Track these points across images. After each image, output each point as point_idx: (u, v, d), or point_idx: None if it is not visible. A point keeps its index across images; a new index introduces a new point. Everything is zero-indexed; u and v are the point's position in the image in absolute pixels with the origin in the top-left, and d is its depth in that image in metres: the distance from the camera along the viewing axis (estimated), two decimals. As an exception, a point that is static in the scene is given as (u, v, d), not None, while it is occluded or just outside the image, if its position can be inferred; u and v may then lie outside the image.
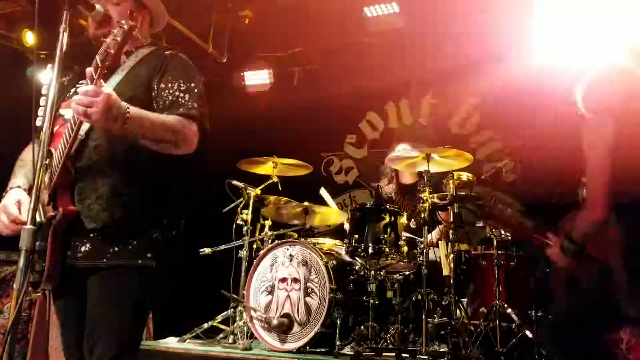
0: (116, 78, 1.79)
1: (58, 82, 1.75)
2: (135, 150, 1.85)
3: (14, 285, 1.64)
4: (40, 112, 1.75)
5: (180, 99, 1.95)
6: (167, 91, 1.96)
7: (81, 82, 2.09)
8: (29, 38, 5.43)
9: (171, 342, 4.39)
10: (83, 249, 1.87)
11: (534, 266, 4.29)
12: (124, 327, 1.86)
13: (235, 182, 4.91)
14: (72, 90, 2.09)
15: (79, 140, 1.86)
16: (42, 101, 1.76)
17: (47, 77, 1.77)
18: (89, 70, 1.69)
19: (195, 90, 1.99)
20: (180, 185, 2.08)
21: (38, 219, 1.73)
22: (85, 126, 1.87)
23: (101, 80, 1.70)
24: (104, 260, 1.86)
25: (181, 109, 1.93)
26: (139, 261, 1.88)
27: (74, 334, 1.92)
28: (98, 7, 1.97)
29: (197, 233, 6.76)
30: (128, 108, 1.74)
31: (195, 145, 1.95)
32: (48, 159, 1.87)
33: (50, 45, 1.81)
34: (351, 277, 4.12)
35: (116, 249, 1.87)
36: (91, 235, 1.87)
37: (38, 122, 1.74)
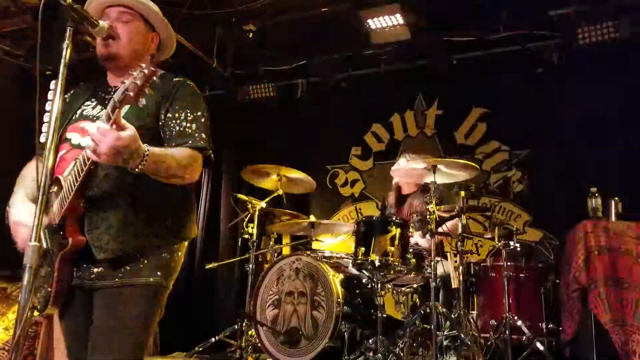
0: (125, 106, 1.76)
1: (62, 99, 1.74)
2: (144, 179, 1.84)
3: (19, 302, 1.62)
4: (44, 128, 1.74)
5: (187, 129, 1.95)
6: (174, 121, 1.96)
7: (87, 103, 2.09)
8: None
9: (178, 358, 4.36)
10: (95, 270, 1.90)
11: (544, 277, 4.24)
12: (127, 343, 1.85)
13: (240, 196, 4.90)
14: (79, 112, 2.07)
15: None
16: (45, 117, 1.75)
17: (50, 93, 1.75)
18: (107, 110, 1.67)
19: (202, 120, 1.99)
20: (187, 209, 2.09)
21: (43, 243, 1.73)
22: None
23: (122, 120, 1.67)
24: (116, 280, 1.88)
25: (190, 141, 1.93)
26: (150, 279, 1.90)
27: (80, 352, 1.90)
28: (102, 23, 1.95)
29: (203, 247, 6.78)
30: (147, 153, 1.72)
31: (198, 176, 1.97)
32: (56, 187, 1.88)
33: (55, 62, 1.79)
34: (358, 290, 4.09)
35: (127, 267, 1.89)
36: (102, 260, 1.88)
37: (42, 139, 1.73)
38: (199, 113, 1.99)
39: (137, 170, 1.72)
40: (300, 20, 5.50)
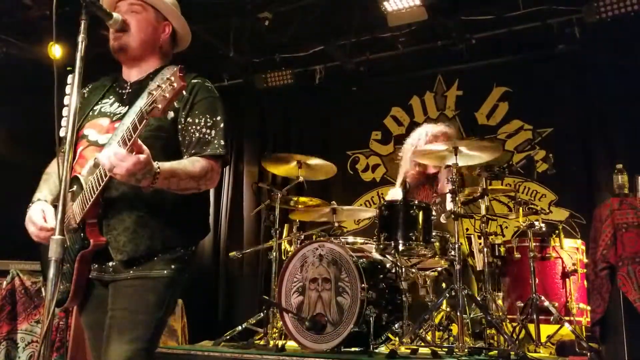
0: (140, 102, 1.75)
1: (79, 93, 1.74)
2: None
3: (45, 296, 1.65)
4: (63, 122, 1.76)
5: (206, 136, 1.96)
6: (193, 127, 1.97)
7: (105, 100, 2.11)
8: (56, 51, 5.43)
9: (206, 346, 4.41)
10: (111, 264, 1.94)
11: (571, 256, 4.18)
12: (139, 333, 1.88)
13: (261, 185, 4.91)
14: (97, 108, 2.09)
15: None
16: (64, 112, 1.76)
17: (68, 87, 1.76)
18: (128, 130, 1.70)
19: (221, 125, 2.00)
20: (203, 209, 2.16)
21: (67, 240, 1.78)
22: None
23: (139, 142, 1.70)
24: (130, 272, 1.92)
25: (208, 149, 1.94)
26: (164, 272, 1.94)
27: (101, 344, 1.93)
28: (115, 15, 1.97)
29: (227, 237, 6.83)
30: (158, 171, 1.76)
31: (216, 184, 2.01)
32: (76, 186, 1.92)
33: (72, 57, 1.80)
34: (382, 275, 4.07)
35: (142, 261, 1.93)
36: (118, 260, 1.93)
37: (61, 133, 1.74)
38: (218, 118, 2.00)
39: (150, 189, 1.78)
40: (316, 5, 5.45)
